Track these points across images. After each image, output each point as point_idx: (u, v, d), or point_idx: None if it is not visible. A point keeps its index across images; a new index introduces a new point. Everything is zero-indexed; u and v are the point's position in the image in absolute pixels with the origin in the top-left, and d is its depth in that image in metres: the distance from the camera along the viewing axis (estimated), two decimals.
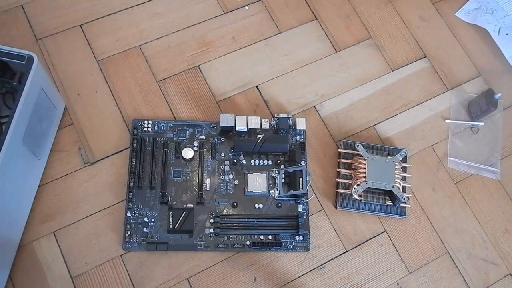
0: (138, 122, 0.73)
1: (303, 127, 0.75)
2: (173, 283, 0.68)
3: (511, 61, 0.86)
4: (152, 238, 0.68)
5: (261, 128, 0.74)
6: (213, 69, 0.80)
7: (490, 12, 0.88)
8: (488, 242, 0.75)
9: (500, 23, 0.87)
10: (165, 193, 0.70)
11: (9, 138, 0.57)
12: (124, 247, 0.67)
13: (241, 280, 0.69)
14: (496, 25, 0.87)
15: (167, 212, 0.69)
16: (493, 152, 0.80)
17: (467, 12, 0.89)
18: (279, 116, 0.75)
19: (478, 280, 0.73)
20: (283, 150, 0.73)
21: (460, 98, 0.83)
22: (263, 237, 0.70)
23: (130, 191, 0.70)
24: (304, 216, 0.71)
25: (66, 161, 0.72)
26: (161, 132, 0.73)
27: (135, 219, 0.69)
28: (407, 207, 0.74)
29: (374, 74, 0.83)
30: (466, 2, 0.91)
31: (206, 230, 0.69)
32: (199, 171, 0.72)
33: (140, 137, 0.72)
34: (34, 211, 0.69)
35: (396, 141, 0.79)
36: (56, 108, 0.71)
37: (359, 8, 0.88)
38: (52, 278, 0.67)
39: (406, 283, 0.71)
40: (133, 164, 0.71)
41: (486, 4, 0.89)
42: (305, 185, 0.70)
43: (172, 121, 0.74)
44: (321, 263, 0.71)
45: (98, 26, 0.80)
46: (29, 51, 0.60)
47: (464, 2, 0.91)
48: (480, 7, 0.89)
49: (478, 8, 0.88)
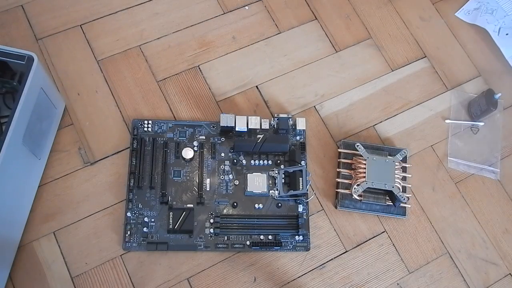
0: (138, 122, 0.73)
1: (303, 127, 0.76)
2: (173, 283, 0.68)
3: (511, 61, 0.86)
4: (152, 238, 0.68)
5: (261, 128, 0.74)
6: (213, 69, 0.80)
7: (490, 12, 0.88)
8: (488, 242, 0.75)
9: (500, 23, 0.87)
10: (165, 193, 0.70)
11: (9, 138, 0.57)
12: (124, 247, 0.67)
13: (241, 280, 0.69)
14: (496, 25, 0.87)
15: (167, 212, 0.69)
16: (493, 152, 0.80)
17: (467, 12, 0.89)
18: (279, 116, 0.75)
19: (478, 280, 0.73)
20: (283, 150, 0.73)
21: (460, 98, 0.83)
22: (263, 237, 0.70)
23: (130, 191, 0.70)
24: (304, 216, 0.71)
25: (66, 161, 0.72)
26: (161, 132, 0.73)
27: (135, 219, 0.69)
28: (407, 207, 0.74)
29: (374, 74, 0.83)
30: (466, 2, 0.91)
31: (206, 230, 0.69)
32: (199, 171, 0.72)
33: (140, 137, 0.72)
34: (34, 211, 0.69)
35: (396, 141, 0.79)
36: (56, 108, 0.71)
37: (359, 8, 0.88)
38: (52, 278, 0.67)
39: (406, 283, 0.72)
40: (133, 164, 0.71)
41: (486, 4, 0.89)
42: (305, 185, 0.70)
43: (172, 121, 0.74)
44: (321, 263, 0.71)
45: (98, 26, 0.80)
46: (29, 51, 0.60)
47: (464, 2, 0.91)
48: (480, 7, 0.89)
49: (478, 8, 0.88)
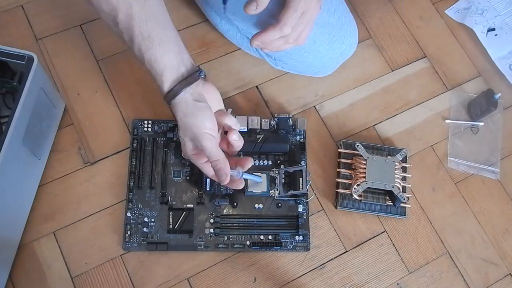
0: (138, 122, 0.73)
1: (303, 127, 0.76)
2: (173, 283, 0.68)
3: (497, 62, 0.85)
4: (152, 238, 0.68)
5: (261, 128, 0.74)
6: (212, 69, 0.80)
7: (480, 13, 0.87)
8: (488, 242, 0.75)
9: (490, 24, 0.86)
10: (165, 193, 0.70)
11: (9, 138, 0.57)
12: (124, 247, 0.67)
13: (241, 280, 0.69)
14: (485, 26, 0.86)
15: (167, 212, 0.69)
16: (493, 152, 0.80)
17: (457, 11, 0.88)
18: (279, 116, 0.75)
19: (478, 280, 0.73)
20: (283, 150, 0.73)
21: (460, 98, 0.83)
22: (263, 237, 0.70)
23: (130, 191, 0.70)
24: (304, 216, 0.71)
25: (66, 161, 0.72)
26: (161, 132, 0.73)
27: (135, 219, 0.69)
28: (407, 207, 0.74)
29: (374, 74, 0.83)
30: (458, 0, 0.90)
31: (206, 230, 0.69)
32: (199, 171, 0.72)
33: (140, 137, 0.72)
34: (34, 211, 0.69)
35: (396, 141, 0.79)
36: (56, 108, 0.71)
37: (359, 8, 0.88)
38: (52, 278, 0.67)
39: (406, 283, 0.71)
40: (133, 164, 0.71)
41: (477, 4, 0.88)
42: (305, 185, 0.70)
43: (172, 121, 0.74)
44: (321, 263, 0.71)
45: (98, 26, 0.80)
46: (29, 51, 0.60)
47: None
48: (470, 7, 0.88)
49: (468, 7, 0.87)
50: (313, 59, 0.74)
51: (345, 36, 0.73)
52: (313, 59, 0.74)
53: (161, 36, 0.55)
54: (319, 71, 0.78)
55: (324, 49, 0.72)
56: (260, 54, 0.77)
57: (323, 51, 0.72)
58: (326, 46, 0.72)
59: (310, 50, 0.72)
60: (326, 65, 0.76)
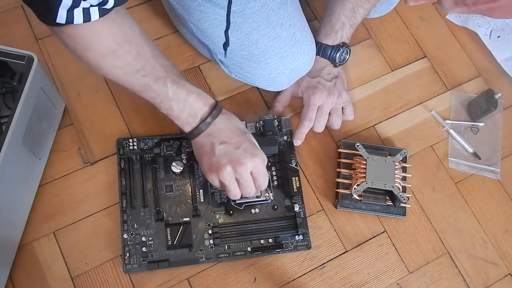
0: (122, 141, 0.72)
1: (289, 127, 0.75)
2: (173, 283, 0.68)
3: (503, 64, 0.85)
4: (152, 256, 0.67)
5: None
6: (213, 69, 0.80)
7: (481, 16, 0.87)
8: (488, 242, 0.75)
9: (492, 26, 0.86)
10: (160, 209, 0.69)
11: (9, 138, 0.57)
12: (125, 270, 0.66)
13: (241, 280, 0.69)
14: (488, 28, 0.86)
15: (164, 228, 0.68)
16: (493, 152, 0.80)
17: (458, 15, 0.89)
18: (264, 118, 0.75)
19: (478, 280, 0.73)
20: (272, 153, 0.73)
21: (460, 98, 0.83)
22: (263, 241, 0.69)
23: (124, 212, 0.68)
24: (301, 215, 0.71)
25: (66, 161, 0.72)
26: (147, 149, 0.72)
27: (132, 240, 0.67)
28: (407, 207, 0.74)
29: (374, 74, 0.83)
30: None
31: (206, 241, 0.68)
32: (191, 183, 0.71)
33: (127, 156, 0.71)
34: (34, 211, 0.69)
35: (396, 141, 0.79)
36: (56, 108, 0.71)
37: None
38: (52, 278, 0.67)
39: (406, 283, 0.71)
40: (123, 185, 0.69)
41: None
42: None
43: (158, 136, 0.73)
44: (321, 263, 0.71)
45: None
46: (29, 51, 0.60)
47: None
48: None
49: None
50: (262, 72, 0.71)
51: (298, 53, 0.70)
52: (262, 72, 0.71)
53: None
54: (269, 84, 0.74)
55: (274, 63, 0.70)
56: (215, 59, 0.76)
57: (272, 65, 0.70)
58: (277, 60, 0.70)
59: (259, 61, 0.70)
60: (276, 80, 0.73)
